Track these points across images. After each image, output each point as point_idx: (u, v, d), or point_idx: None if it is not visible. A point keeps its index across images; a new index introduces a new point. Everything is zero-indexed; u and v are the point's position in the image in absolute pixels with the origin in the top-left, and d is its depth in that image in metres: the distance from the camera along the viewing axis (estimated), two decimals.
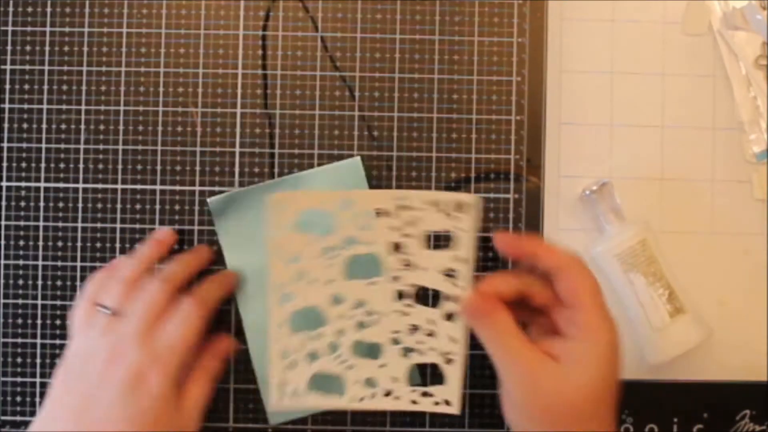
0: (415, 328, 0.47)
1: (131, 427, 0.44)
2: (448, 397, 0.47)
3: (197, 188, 0.52)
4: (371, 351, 0.48)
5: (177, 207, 0.52)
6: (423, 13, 0.53)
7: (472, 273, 0.46)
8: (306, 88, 0.52)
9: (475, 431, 0.52)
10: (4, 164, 0.52)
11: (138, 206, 0.52)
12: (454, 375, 0.47)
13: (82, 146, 0.52)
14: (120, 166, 0.52)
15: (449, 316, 0.47)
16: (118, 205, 0.52)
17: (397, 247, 0.47)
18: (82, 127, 0.52)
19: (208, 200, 0.52)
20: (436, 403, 0.47)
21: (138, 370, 0.45)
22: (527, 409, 0.44)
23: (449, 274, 0.47)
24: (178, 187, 0.52)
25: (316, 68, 0.53)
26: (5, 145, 0.52)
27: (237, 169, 0.52)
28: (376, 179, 0.52)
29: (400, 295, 0.47)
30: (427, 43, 0.53)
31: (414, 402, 0.47)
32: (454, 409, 0.47)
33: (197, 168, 0.52)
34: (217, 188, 0.52)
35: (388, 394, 0.47)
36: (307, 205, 0.46)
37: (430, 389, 0.47)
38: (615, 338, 0.44)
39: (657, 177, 0.54)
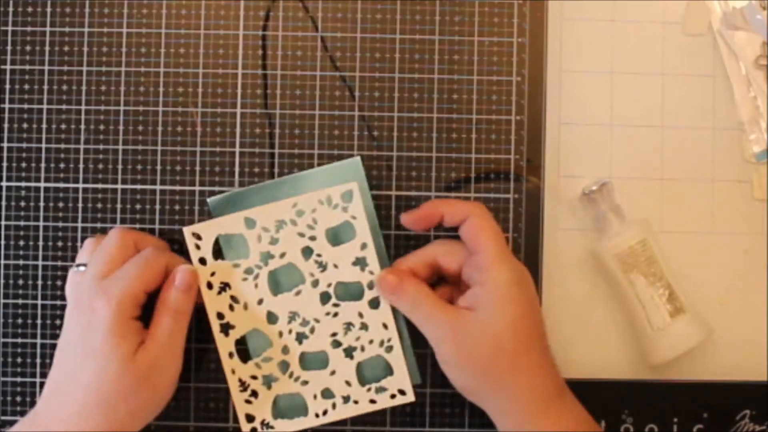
0: (349, 326, 0.49)
1: (93, 363, 0.44)
2: (400, 386, 0.50)
3: (197, 188, 0.52)
4: (319, 361, 0.50)
5: (177, 207, 0.52)
6: (423, 13, 0.53)
7: (376, 255, 0.49)
8: (306, 88, 0.52)
9: (475, 431, 0.52)
10: (4, 164, 0.52)
11: (138, 206, 0.52)
12: (398, 362, 0.50)
13: (82, 146, 0.52)
14: (120, 166, 0.52)
15: (374, 304, 0.49)
16: (118, 205, 0.52)
17: (308, 251, 0.49)
18: (82, 127, 0.52)
19: (208, 200, 0.52)
20: (392, 396, 0.50)
21: (90, 305, 0.45)
22: (454, 363, 0.47)
23: (359, 263, 0.49)
24: (178, 187, 0.52)
25: (316, 68, 0.53)
26: (5, 145, 0.52)
27: (237, 169, 0.52)
28: (376, 179, 0.52)
29: (327, 297, 0.49)
30: (427, 43, 0.53)
31: (372, 401, 0.50)
32: (409, 397, 0.50)
33: (197, 168, 0.52)
34: (217, 188, 0.52)
35: (346, 400, 0.49)
36: (217, 232, 0.49)
37: (382, 383, 0.50)
38: (516, 275, 0.46)
39: (657, 177, 0.54)
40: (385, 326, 0.49)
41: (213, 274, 0.49)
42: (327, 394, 0.50)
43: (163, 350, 0.46)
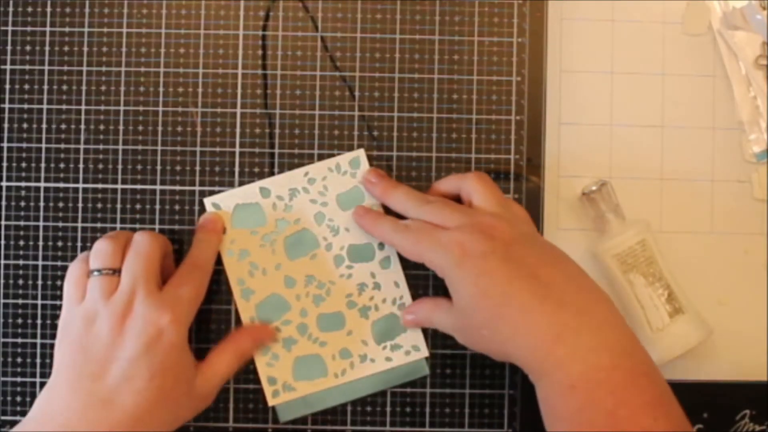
0: (362, 286, 0.51)
1: (154, 379, 0.45)
2: (414, 342, 0.52)
3: (197, 188, 0.52)
4: (336, 322, 0.51)
5: (177, 207, 0.52)
6: (423, 13, 0.53)
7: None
8: (306, 88, 0.52)
9: (475, 431, 0.52)
10: (4, 164, 0.52)
11: (138, 206, 0.52)
12: None
13: (82, 146, 0.52)
14: (120, 166, 0.52)
15: (385, 264, 0.52)
16: (118, 205, 0.52)
17: (320, 217, 0.51)
18: (82, 127, 0.52)
19: (204, 200, 0.52)
20: (407, 353, 0.51)
21: (155, 323, 0.45)
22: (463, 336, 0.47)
23: None
24: (178, 187, 0.52)
25: (316, 68, 0.53)
26: (5, 145, 0.52)
27: (237, 169, 0.52)
28: None
29: (341, 260, 0.52)
30: (427, 43, 0.53)
31: (388, 359, 0.51)
32: (423, 353, 0.52)
33: (197, 168, 0.52)
34: (217, 188, 0.52)
35: (363, 358, 0.51)
36: (235, 201, 0.51)
37: (397, 341, 0.51)
38: (478, 289, 0.44)
39: (657, 177, 0.54)
40: (396, 284, 0.51)
41: (233, 241, 0.51)
42: (345, 353, 0.51)
43: (221, 383, 0.49)
